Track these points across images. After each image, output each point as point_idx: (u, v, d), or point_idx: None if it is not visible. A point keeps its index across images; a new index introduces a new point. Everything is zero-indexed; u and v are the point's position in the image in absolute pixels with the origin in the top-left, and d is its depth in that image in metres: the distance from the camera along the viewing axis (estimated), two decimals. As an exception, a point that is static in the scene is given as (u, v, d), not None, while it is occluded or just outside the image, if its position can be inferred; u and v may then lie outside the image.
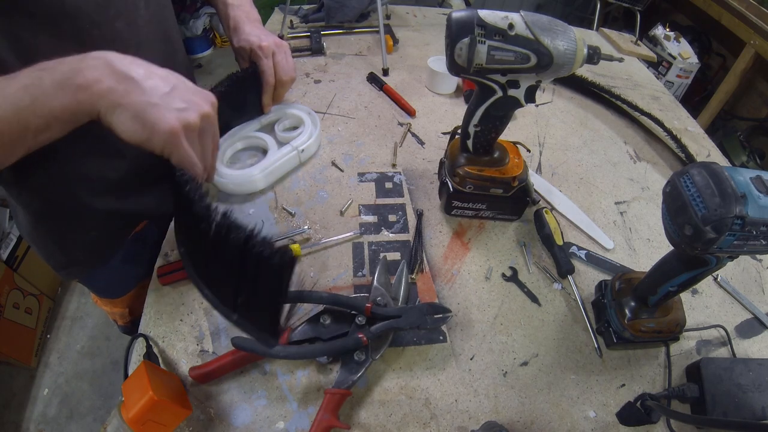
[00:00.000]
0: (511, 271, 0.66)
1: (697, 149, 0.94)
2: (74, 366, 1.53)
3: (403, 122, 0.90)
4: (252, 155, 0.77)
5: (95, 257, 0.72)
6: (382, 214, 0.71)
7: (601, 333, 0.59)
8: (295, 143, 0.74)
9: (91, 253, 0.71)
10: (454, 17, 0.53)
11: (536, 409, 0.53)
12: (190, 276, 0.49)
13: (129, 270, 0.77)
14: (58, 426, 1.39)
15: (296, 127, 0.80)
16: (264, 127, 0.79)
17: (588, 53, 0.55)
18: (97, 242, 0.70)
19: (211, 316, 0.57)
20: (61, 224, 0.66)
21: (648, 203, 0.80)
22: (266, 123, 0.79)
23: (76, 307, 1.70)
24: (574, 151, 0.89)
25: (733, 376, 0.52)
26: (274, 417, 0.49)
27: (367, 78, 1.01)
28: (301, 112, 0.80)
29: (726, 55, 2.13)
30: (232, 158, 0.76)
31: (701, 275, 0.48)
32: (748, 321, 0.64)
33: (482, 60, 0.53)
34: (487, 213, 0.71)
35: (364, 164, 0.79)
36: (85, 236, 0.68)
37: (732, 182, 0.39)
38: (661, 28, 2.09)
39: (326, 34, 1.13)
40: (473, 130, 0.63)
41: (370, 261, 0.64)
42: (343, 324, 0.53)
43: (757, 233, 0.39)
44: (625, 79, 1.16)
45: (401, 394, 0.52)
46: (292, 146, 0.74)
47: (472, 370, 0.55)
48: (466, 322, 0.59)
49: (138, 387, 0.43)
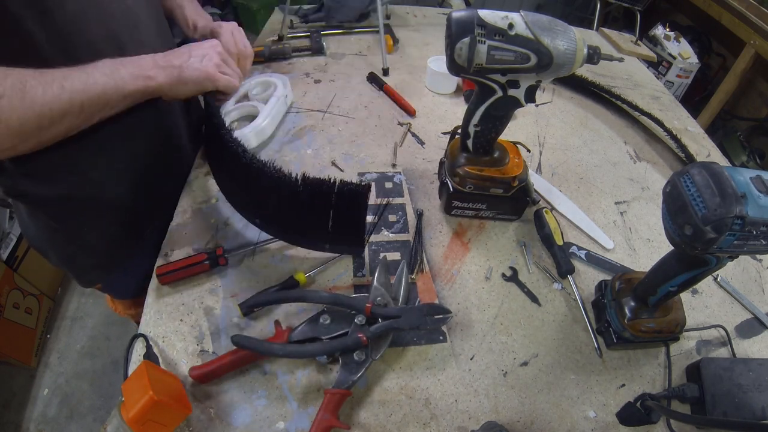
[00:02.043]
0: (511, 271, 0.66)
1: (697, 149, 0.94)
2: (74, 366, 1.53)
3: (403, 122, 0.90)
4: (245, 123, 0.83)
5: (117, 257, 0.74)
6: (382, 214, 0.70)
7: (601, 333, 0.59)
8: (278, 94, 0.85)
9: (111, 252, 0.73)
10: (454, 17, 0.53)
11: (536, 409, 0.52)
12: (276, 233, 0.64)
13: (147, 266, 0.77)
14: (58, 426, 1.39)
15: (266, 89, 0.89)
16: (239, 99, 0.87)
17: (588, 53, 0.55)
18: (116, 239, 0.72)
19: (211, 315, 0.57)
20: (81, 225, 0.68)
21: (648, 203, 0.80)
22: (239, 96, 0.87)
23: (76, 307, 1.70)
24: (574, 151, 0.89)
25: (733, 376, 0.52)
26: (274, 417, 0.49)
27: (367, 78, 1.01)
28: (264, 76, 0.91)
29: (726, 55, 2.13)
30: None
31: (701, 275, 0.48)
32: (748, 321, 0.64)
33: (482, 60, 0.53)
34: (487, 213, 0.71)
35: (364, 164, 0.79)
36: (104, 234, 0.70)
37: (732, 182, 0.39)
38: (661, 28, 2.09)
39: (326, 34, 1.13)
40: (473, 130, 0.63)
41: (370, 261, 0.64)
42: (343, 324, 0.53)
43: (757, 233, 0.39)
44: (625, 79, 1.16)
45: (401, 394, 0.52)
46: (277, 97, 0.84)
47: (472, 370, 0.55)
48: (466, 322, 0.59)
49: (138, 387, 0.43)
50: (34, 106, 0.46)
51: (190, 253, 0.62)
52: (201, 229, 0.66)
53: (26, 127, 0.47)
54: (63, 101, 0.48)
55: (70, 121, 0.51)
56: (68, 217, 0.66)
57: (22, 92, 0.45)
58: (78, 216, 0.66)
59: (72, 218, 0.66)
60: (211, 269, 0.61)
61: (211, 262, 0.60)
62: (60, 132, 0.51)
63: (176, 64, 0.60)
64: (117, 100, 0.54)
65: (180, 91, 0.61)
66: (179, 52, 0.62)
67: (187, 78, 0.61)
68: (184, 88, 0.61)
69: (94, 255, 0.72)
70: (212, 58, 0.64)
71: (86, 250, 0.71)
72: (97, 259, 0.73)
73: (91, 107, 0.52)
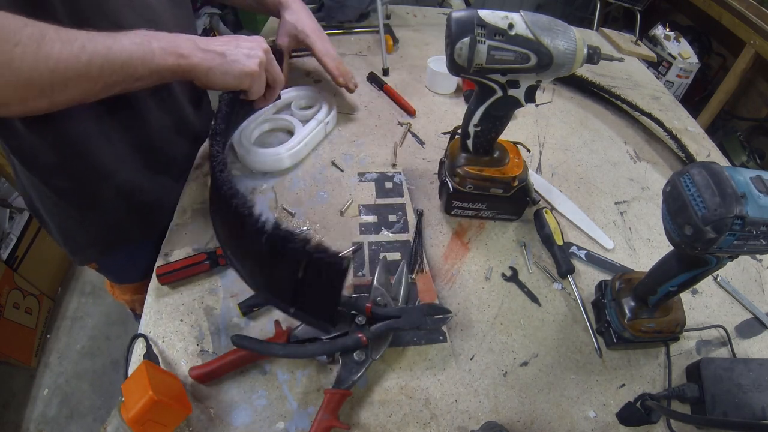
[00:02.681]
0: (511, 271, 0.66)
1: (697, 149, 0.94)
2: (74, 366, 1.53)
3: (403, 122, 0.90)
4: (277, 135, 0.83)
5: (115, 238, 0.74)
6: (382, 214, 0.71)
7: (601, 333, 0.59)
8: (319, 117, 0.80)
9: (110, 234, 0.73)
10: (454, 17, 0.53)
11: (536, 409, 0.53)
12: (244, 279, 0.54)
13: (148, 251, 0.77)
14: (58, 426, 1.39)
15: (311, 106, 0.84)
16: (280, 109, 0.84)
17: (588, 53, 0.55)
18: (117, 222, 0.72)
19: (211, 316, 0.57)
20: (83, 202, 0.68)
21: (648, 203, 0.80)
22: (281, 106, 0.84)
23: (76, 307, 1.70)
24: (574, 151, 0.89)
25: (733, 376, 0.52)
26: (274, 417, 0.49)
27: (367, 78, 1.01)
28: (312, 91, 0.86)
29: (726, 55, 2.13)
30: (260, 138, 0.81)
31: (701, 275, 0.48)
32: (748, 321, 0.64)
33: (482, 60, 0.53)
34: (487, 213, 0.71)
35: (364, 164, 0.79)
36: (106, 215, 0.71)
37: (732, 182, 0.39)
38: (661, 28, 2.09)
39: (326, 34, 1.13)
40: (473, 130, 0.63)
41: (370, 261, 0.64)
42: (343, 324, 0.53)
43: (757, 233, 0.39)
44: (625, 79, 1.16)
45: (401, 394, 0.52)
46: (318, 120, 0.80)
47: (472, 370, 0.55)
48: (466, 322, 0.59)
49: (138, 387, 0.43)
50: (48, 61, 0.44)
51: (190, 253, 0.62)
52: (201, 229, 0.66)
53: (38, 82, 0.45)
54: (81, 62, 0.46)
55: (86, 86, 0.49)
56: (69, 191, 0.66)
57: (39, 45, 0.43)
58: (79, 191, 0.67)
59: (73, 193, 0.66)
60: (211, 269, 0.61)
61: (211, 262, 0.60)
62: (75, 95, 0.49)
63: (219, 51, 0.58)
64: (143, 73, 0.52)
65: (216, 79, 0.58)
66: (223, 40, 0.60)
67: (227, 69, 0.58)
68: (222, 78, 0.58)
69: (91, 232, 0.72)
70: (259, 55, 0.61)
71: (84, 226, 0.71)
72: (94, 236, 0.73)
73: (112, 74, 0.49)
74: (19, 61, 0.42)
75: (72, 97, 0.49)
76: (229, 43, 0.60)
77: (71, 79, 0.47)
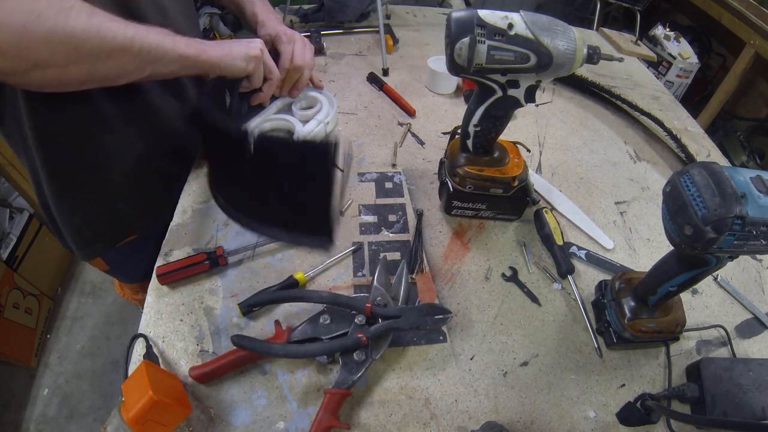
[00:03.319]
0: (511, 271, 0.66)
1: (697, 149, 0.94)
2: (74, 366, 1.53)
3: (403, 122, 0.90)
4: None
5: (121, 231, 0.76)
6: (382, 214, 0.71)
7: (601, 333, 0.59)
8: (319, 117, 0.80)
9: (116, 226, 0.75)
10: (454, 17, 0.53)
11: (536, 409, 0.53)
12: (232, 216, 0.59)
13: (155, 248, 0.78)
14: (58, 426, 1.39)
15: (311, 106, 0.84)
16: (280, 110, 0.84)
17: (588, 53, 0.55)
18: (124, 212, 0.74)
19: (211, 316, 0.57)
20: (89, 195, 0.70)
21: (648, 203, 0.80)
22: (282, 106, 0.84)
23: (76, 307, 1.70)
24: (574, 151, 0.89)
25: (733, 376, 0.52)
26: (274, 417, 0.49)
27: (367, 78, 1.01)
28: (314, 92, 0.86)
29: (726, 55, 2.13)
30: None
31: (701, 275, 0.48)
32: (748, 321, 0.64)
33: (482, 60, 0.53)
34: (487, 213, 0.71)
35: (364, 164, 0.79)
36: (112, 208, 0.73)
37: (732, 182, 0.39)
38: (661, 28, 2.09)
39: (326, 34, 1.13)
40: (473, 130, 0.63)
41: (370, 261, 0.64)
42: (343, 324, 0.53)
43: (757, 233, 0.39)
44: (625, 79, 1.15)
45: (401, 394, 0.52)
46: (318, 120, 0.80)
47: (472, 370, 0.55)
48: (466, 322, 0.59)
49: (138, 387, 0.43)
50: (100, 27, 0.48)
51: (190, 253, 0.62)
52: (201, 229, 0.66)
53: (87, 47, 0.48)
54: (126, 36, 0.51)
55: (126, 60, 0.52)
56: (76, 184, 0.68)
57: (91, 13, 0.48)
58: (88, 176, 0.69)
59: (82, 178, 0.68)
60: (211, 269, 0.61)
61: (211, 262, 0.60)
62: (113, 68, 0.52)
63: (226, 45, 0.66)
64: (171, 59, 0.57)
65: (227, 65, 0.65)
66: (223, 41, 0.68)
67: (236, 55, 0.65)
68: (232, 63, 0.65)
69: (96, 226, 0.73)
70: (258, 45, 0.69)
71: (91, 217, 0.72)
72: (101, 229, 0.74)
73: (148, 54, 0.54)
74: (74, 21, 0.46)
75: (110, 70, 0.52)
76: (234, 41, 0.68)
77: (115, 50, 0.50)
